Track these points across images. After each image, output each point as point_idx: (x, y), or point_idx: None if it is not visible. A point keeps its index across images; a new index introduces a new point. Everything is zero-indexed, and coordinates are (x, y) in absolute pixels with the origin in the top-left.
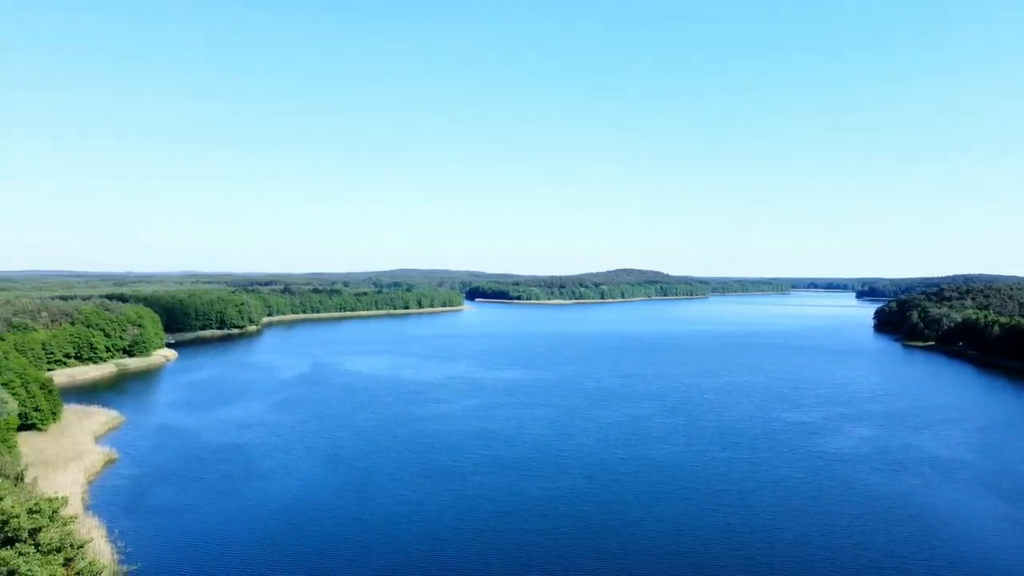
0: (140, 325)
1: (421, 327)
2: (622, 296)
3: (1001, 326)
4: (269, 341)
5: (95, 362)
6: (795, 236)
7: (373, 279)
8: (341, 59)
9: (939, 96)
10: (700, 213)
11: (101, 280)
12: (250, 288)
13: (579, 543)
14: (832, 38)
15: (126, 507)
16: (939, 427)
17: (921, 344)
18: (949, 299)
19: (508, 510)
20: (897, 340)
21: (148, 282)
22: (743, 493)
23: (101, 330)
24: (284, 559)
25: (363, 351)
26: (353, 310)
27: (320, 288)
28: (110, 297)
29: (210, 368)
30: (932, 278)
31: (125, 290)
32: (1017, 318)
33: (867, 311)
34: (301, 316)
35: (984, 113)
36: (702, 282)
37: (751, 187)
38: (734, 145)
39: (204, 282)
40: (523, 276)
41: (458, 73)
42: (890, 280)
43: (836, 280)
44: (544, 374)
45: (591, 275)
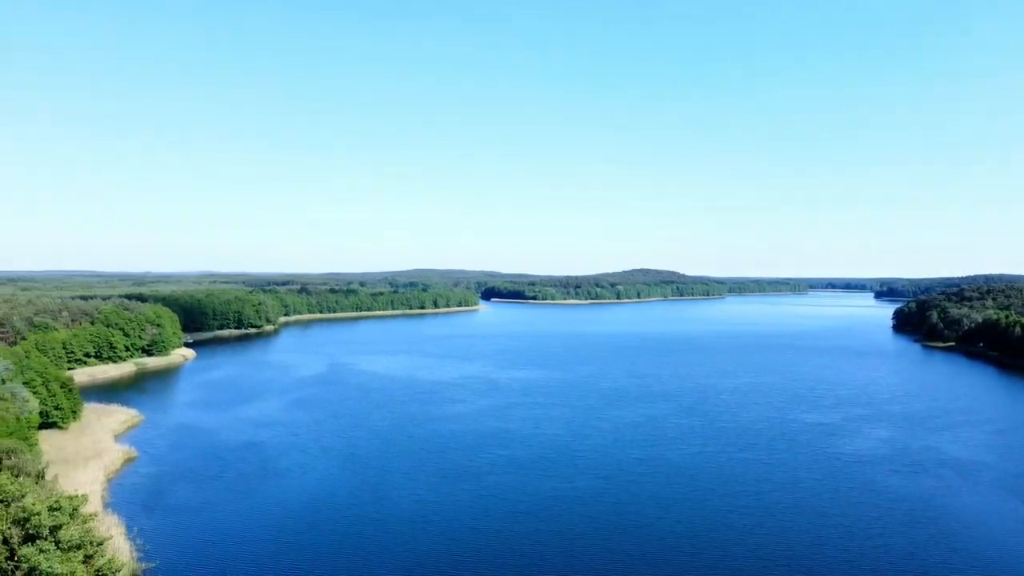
0: (159, 325)
1: (437, 327)
2: (638, 296)
3: (1023, 327)
4: (286, 340)
5: (115, 361)
6: (812, 236)
7: (389, 279)
8: (341, 59)
9: (958, 96)
10: (716, 213)
11: (120, 280)
12: (267, 288)
13: (595, 544)
14: (835, 38)
15: (145, 505)
16: (959, 429)
17: (941, 345)
18: (969, 299)
19: (524, 510)
20: (916, 341)
21: (166, 282)
22: (760, 494)
23: (120, 329)
24: (301, 558)
25: (379, 351)
26: (369, 310)
27: (336, 288)
28: (129, 297)
29: (228, 367)
30: (952, 278)
31: (144, 290)
32: None
33: (886, 311)
34: (318, 316)
35: (1005, 114)
36: (718, 282)
37: (769, 188)
38: (741, 146)
39: (222, 282)
40: (539, 276)
41: (458, 73)
42: (909, 280)
43: (854, 280)
44: (560, 374)
45: (607, 275)
